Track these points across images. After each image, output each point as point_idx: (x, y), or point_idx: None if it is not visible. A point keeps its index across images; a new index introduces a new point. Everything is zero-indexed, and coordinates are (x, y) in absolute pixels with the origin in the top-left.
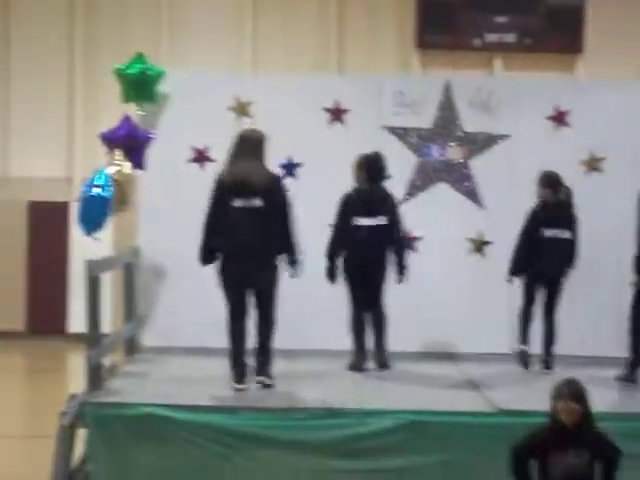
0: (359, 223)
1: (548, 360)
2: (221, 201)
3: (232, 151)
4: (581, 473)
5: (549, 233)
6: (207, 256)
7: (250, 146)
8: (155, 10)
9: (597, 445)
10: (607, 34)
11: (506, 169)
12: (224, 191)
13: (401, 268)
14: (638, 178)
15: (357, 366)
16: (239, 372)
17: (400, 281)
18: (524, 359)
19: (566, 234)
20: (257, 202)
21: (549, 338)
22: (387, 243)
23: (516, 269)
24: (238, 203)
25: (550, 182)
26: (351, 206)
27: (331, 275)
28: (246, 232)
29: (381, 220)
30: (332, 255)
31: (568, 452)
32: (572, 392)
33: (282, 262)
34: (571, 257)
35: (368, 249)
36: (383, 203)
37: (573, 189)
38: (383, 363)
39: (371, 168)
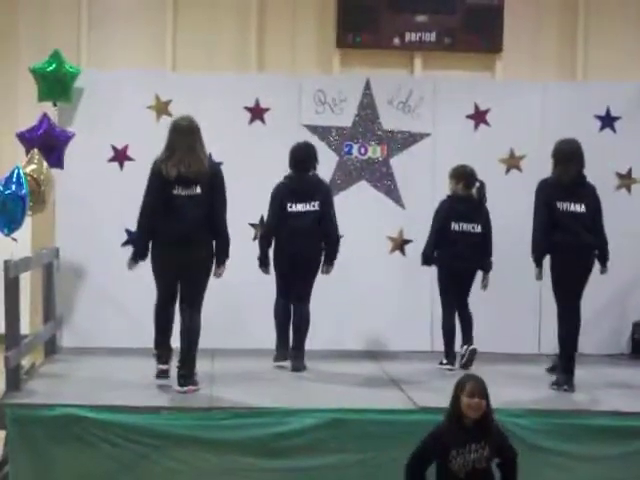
0: (291, 209)
1: (466, 357)
2: (159, 190)
3: (169, 139)
4: (483, 467)
5: (458, 227)
6: (145, 250)
7: (187, 133)
8: (75, 6)
9: (497, 441)
10: (524, 34)
11: (426, 167)
12: (163, 180)
13: (330, 258)
14: None
15: (281, 357)
16: (163, 353)
17: (326, 272)
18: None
19: (477, 228)
20: (196, 190)
21: (465, 334)
22: (319, 231)
23: (425, 262)
24: (178, 191)
25: (461, 176)
26: (281, 193)
27: (264, 264)
28: (186, 220)
29: (313, 206)
30: (264, 244)
31: (470, 447)
32: (478, 388)
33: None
34: (483, 252)
35: (300, 236)
36: (315, 190)
37: (493, 187)
38: (297, 368)
39: (292, 157)
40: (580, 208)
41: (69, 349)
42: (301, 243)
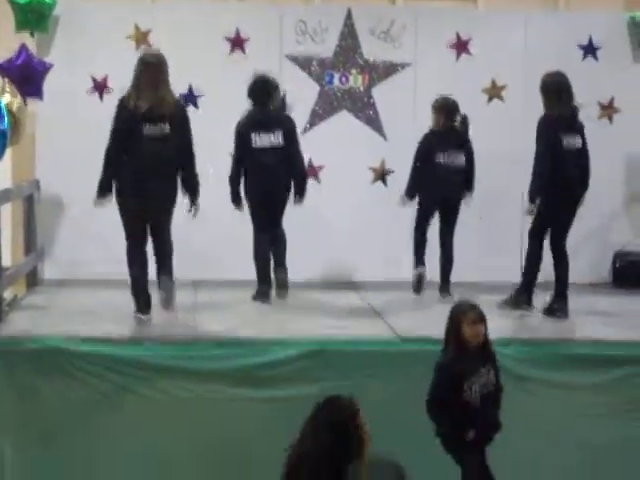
0: (256, 145)
1: (446, 287)
2: (127, 127)
3: (137, 74)
4: (491, 392)
5: (442, 159)
6: (108, 187)
7: (155, 69)
8: None
9: (495, 368)
10: None
11: (408, 97)
12: (131, 116)
13: (299, 194)
14: (536, 107)
15: (262, 296)
16: (143, 302)
17: (299, 202)
18: (419, 282)
19: (460, 160)
20: (166, 128)
21: (446, 264)
22: (286, 164)
23: (410, 193)
24: (147, 129)
25: (444, 108)
26: (244, 127)
27: (236, 202)
28: (155, 158)
29: (279, 139)
30: (234, 183)
31: (479, 372)
32: (479, 314)
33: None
34: (466, 183)
35: (268, 170)
36: (278, 122)
37: (475, 117)
38: (283, 282)
39: (251, 91)
40: (579, 142)
41: (51, 281)
42: (268, 181)
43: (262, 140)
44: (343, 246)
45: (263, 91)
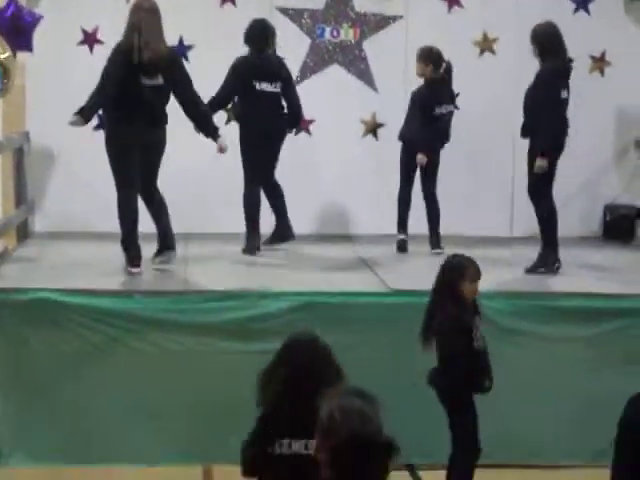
0: (259, 87)
1: (435, 240)
2: (124, 74)
3: (134, 19)
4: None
5: (439, 111)
6: (90, 116)
7: (152, 14)
8: None
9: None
10: None
11: (399, 50)
12: (128, 64)
13: (293, 125)
14: (528, 59)
15: (252, 250)
16: (134, 255)
17: (294, 133)
18: (402, 248)
19: (450, 109)
20: (159, 79)
21: (433, 218)
22: (282, 109)
23: (425, 148)
24: (145, 79)
25: (432, 58)
26: (245, 68)
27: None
28: (152, 108)
29: (277, 88)
30: (216, 106)
31: (476, 322)
32: (478, 272)
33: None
34: (449, 132)
35: (267, 114)
36: (279, 71)
37: (467, 69)
38: (289, 234)
39: (250, 36)
40: (569, 95)
41: (41, 233)
42: (269, 123)
43: (262, 86)
44: (335, 199)
45: (262, 36)
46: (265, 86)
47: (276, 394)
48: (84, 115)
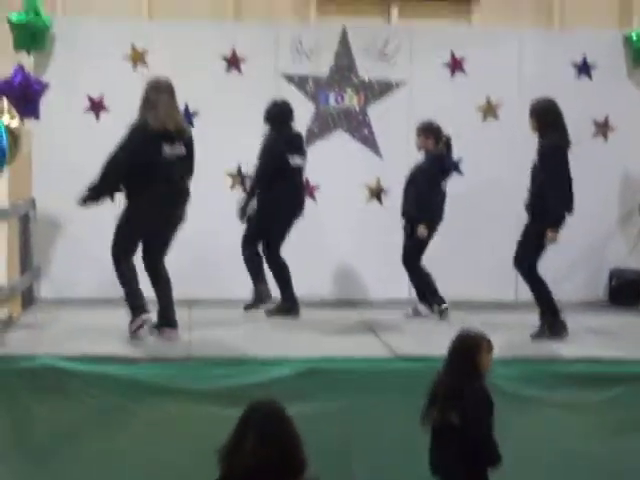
0: (293, 163)
1: (433, 307)
2: (145, 149)
3: (151, 97)
4: None
5: (444, 187)
6: (100, 197)
7: (169, 91)
8: None
9: None
10: None
11: (403, 116)
12: (149, 137)
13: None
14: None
15: (257, 303)
16: (142, 303)
17: None
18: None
19: (445, 187)
20: (182, 150)
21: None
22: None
23: (428, 219)
24: (166, 150)
25: (432, 132)
26: (282, 147)
27: (244, 212)
28: (176, 180)
29: (303, 160)
30: (252, 193)
31: None
32: (490, 344)
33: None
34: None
35: (301, 189)
36: (303, 145)
37: (470, 135)
38: (295, 308)
39: (278, 114)
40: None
41: (47, 300)
42: (301, 200)
43: (295, 160)
44: (339, 264)
45: (288, 114)
46: (297, 161)
47: (245, 468)
48: (93, 200)
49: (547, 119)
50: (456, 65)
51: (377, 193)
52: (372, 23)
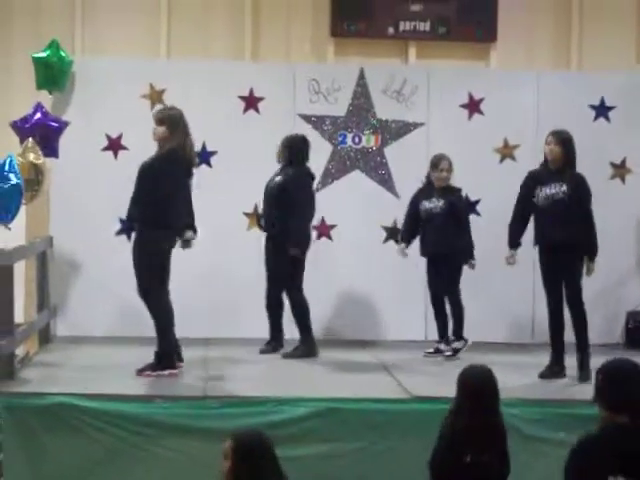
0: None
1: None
2: (178, 177)
3: (180, 126)
4: None
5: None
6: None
7: (185, 122)
8: None
9: None
10: (519, 24)
11: (420, 157)
12: (182, 167)
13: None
14: None
15: (269, 349)
16: (170, 353)
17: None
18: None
19: None
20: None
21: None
22: None
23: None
24: (188, 180)
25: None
26: (311, 184)
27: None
28: (191, 210)
29: None
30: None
31: None
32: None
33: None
34: None
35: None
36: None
37: (487, 176)
38: (314, 352)
39: (300, 150)
40: None
41: (63, 338)
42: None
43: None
44: (355, 304)
45: (307, 150)
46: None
47: None
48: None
49: (574, 150)
50: (474, 106)
51: (394, 233)
52: (390, 63)
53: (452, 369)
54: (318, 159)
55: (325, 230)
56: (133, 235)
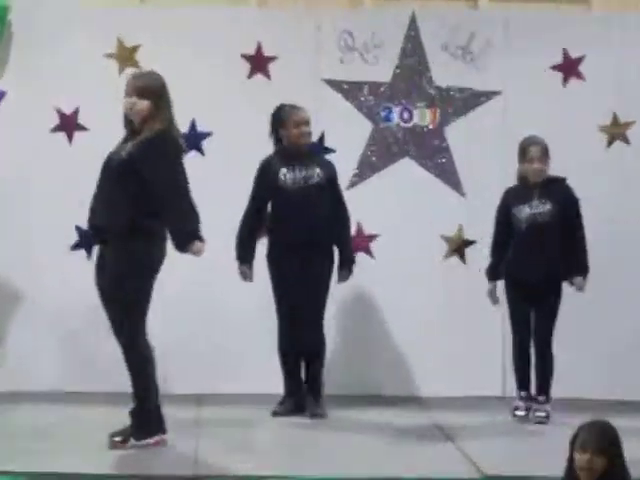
0: None
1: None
2: (180, 168)
3: (168, 98)
4: None
5: None
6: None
7: (169, 93)
8: None
9: None
10: None
11: (495, 139)
12: (180, 153)
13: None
14: None
15: (285, 410)
16: (155, 418)
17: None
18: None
19: None
20: None
21: (540, 376)
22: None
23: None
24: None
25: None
26: None
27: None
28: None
29: None
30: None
31: None
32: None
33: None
34: None
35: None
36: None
37: (591, 166)
38: (316, 411)
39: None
40: None
41: (3, 394)
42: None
43: None
44: (404, 347)
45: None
46: None
47: None
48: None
49: None
50: (570, 68)
51: (459, 246)
52: (453, 8)
53: (540, 438)
54: (352, 142)
55: (363, 242)
56: (97, 250)
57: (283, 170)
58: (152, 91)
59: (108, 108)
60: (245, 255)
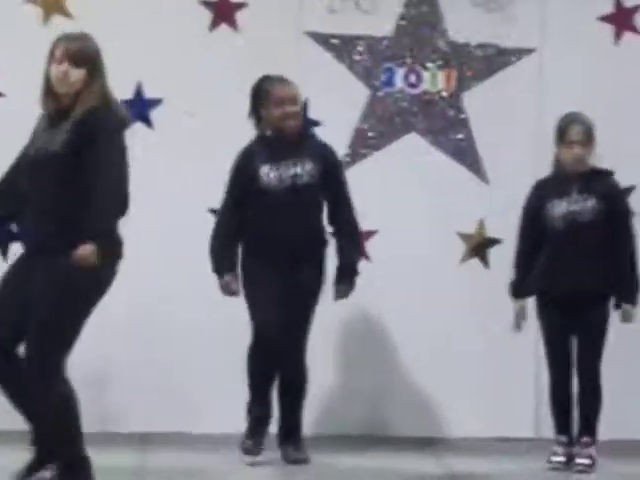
0: None
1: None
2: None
3: (101, 67)
4: None
5: None
6: None
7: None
8: None
9: None
10: None
11: (529, 109)
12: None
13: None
14: None
15: (254, 447)
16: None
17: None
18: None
19: None
20: None
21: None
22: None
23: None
24: None
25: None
26: None
27: None
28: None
29: None
30: None
31: None
32: None
33: None
34: None
35: None
36: None
37: None
38: (295, 456)
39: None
40: None
41: None
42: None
43: None
44: (410, 376)
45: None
46: None
47: None
48: None
49: None
50: (623, 18)
51: (480, 246)
52: None
53: None
54: (345, 112)
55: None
56: (21, 251)
57: (265, 167)
58: (88, 58)
59: (29, 68)
60: (224, 264)
